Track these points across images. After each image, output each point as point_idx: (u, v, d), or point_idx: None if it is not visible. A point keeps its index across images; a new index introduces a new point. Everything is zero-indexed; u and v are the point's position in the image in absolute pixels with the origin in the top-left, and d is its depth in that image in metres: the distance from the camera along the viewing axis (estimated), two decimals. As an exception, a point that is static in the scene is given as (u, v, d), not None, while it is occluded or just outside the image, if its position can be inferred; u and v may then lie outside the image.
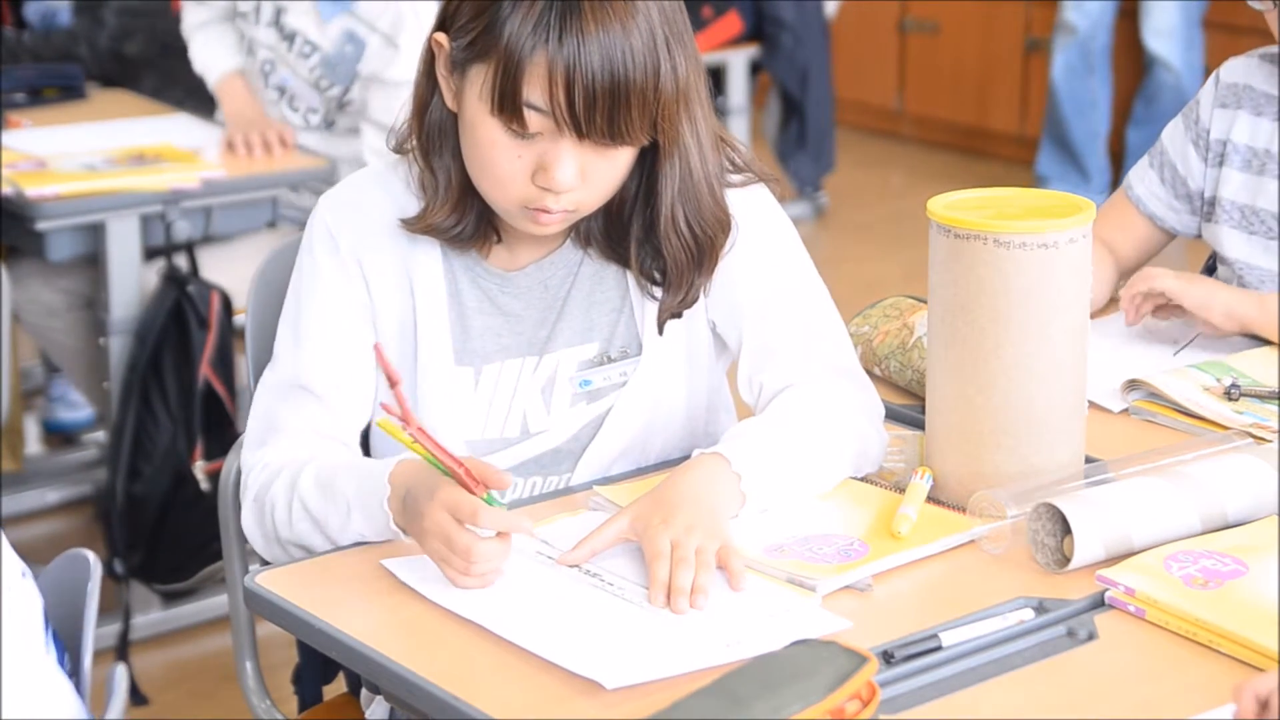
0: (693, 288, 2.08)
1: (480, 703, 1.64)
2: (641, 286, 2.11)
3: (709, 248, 2.07)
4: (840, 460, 2.05)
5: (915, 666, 1.69)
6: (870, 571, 1.86)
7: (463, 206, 2.06)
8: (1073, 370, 2.00)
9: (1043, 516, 1.89)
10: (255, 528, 2.05)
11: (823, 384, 2.10)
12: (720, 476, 1.95)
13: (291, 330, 2.11)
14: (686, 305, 2.10)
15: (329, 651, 1.81)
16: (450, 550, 1.82)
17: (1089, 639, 1.75)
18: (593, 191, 2.00)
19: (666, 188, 2.03)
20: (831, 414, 2.06)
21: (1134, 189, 2.66)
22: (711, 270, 2.09)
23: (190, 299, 3.52)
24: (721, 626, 1.76)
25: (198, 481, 3.53)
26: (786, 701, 1.51)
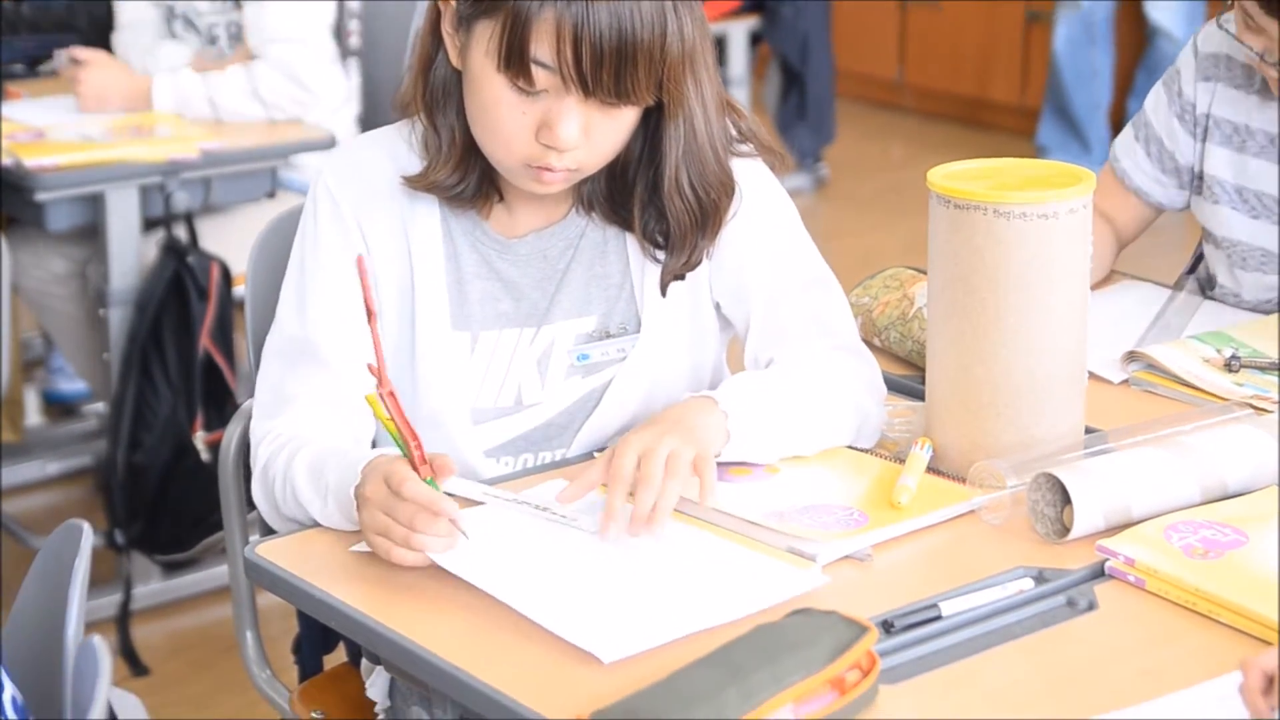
0: (696, 250, 2.09)
1: (480, 672, 1.64)
2: (644, 250, 2.11)
3: (713, 211, 2.07)
4: (835, 426, 2.06)
5: (915, 636, 1.70)
6: (870, 541, 1.86)
7: (465, 165, 2.06)
8: (1073, 341, 2.00)
9: (1042, 487, 1.89)
10: (262, 499, 2.06)
11: (827, 357, 2.11)
12: (707, 411, 1.97)
13: (295, 292, 2.11)
14: (690, 268, 2.10)
15: (329, 621, 1.81)
16: (391, 518, 1.82)
17: (1089, 609, 1.75)
18: (595, 151, 2.00)
19: (671, 149, 2.04)
20: (831, 381, 2.07)
21: (1120, 162, 2.65)
22: (715, 234, 2.09)
23: (190, 270, 3.51)
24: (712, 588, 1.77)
25: (198, 452, 3.53)
26: (787, 671, 1.52)
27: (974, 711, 1.58)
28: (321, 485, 1.95)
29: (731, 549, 1.85)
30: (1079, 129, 6.20)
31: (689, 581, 1.79)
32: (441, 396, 2.09)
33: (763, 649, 1.55)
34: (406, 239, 2.09)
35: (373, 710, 2.11)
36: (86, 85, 3.71)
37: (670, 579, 1.79)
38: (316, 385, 2.08)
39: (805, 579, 1.78)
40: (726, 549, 1.85)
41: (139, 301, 3.52)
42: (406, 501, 1.81)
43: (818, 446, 2.05)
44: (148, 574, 3.64)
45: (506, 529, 1.89)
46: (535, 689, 1.61)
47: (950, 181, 1.98)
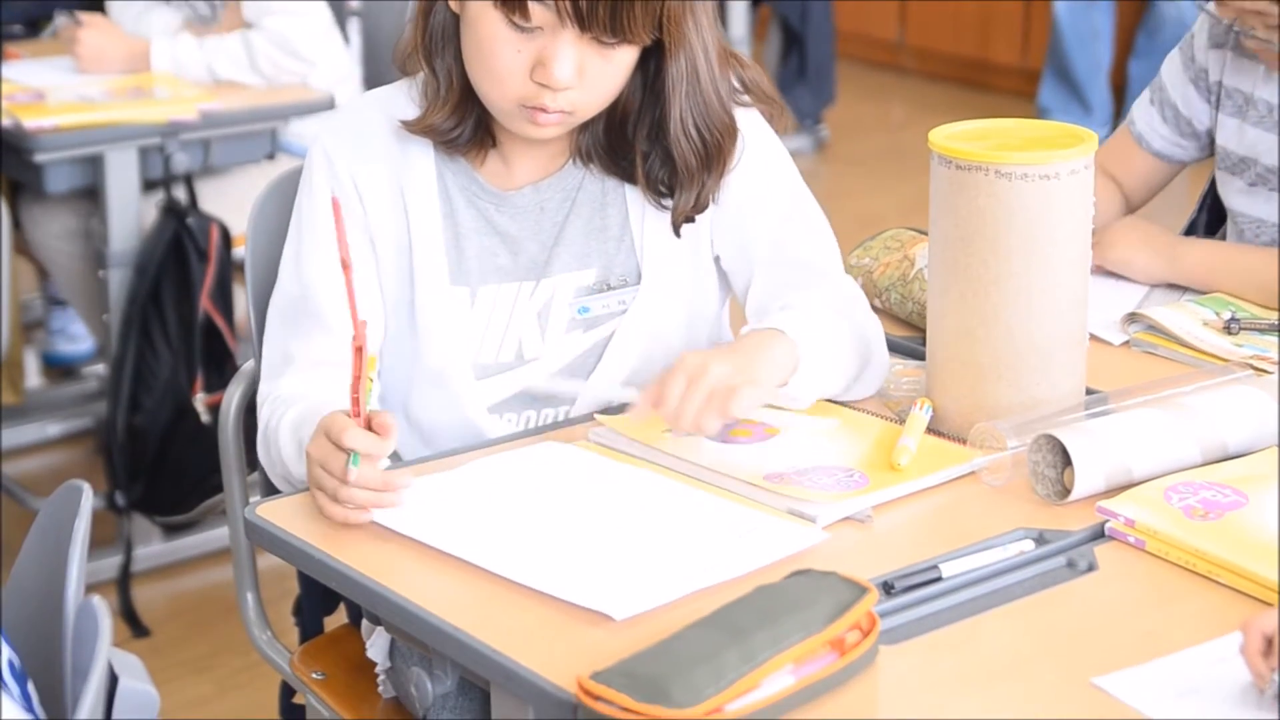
0: (704, 189, 2.08)
1: (481, 633, 1.64)
2: (647, 200, 2.10)
3: (717, 152, 2.08)
4: (855, 369, 2.08)
5: (915, 597, 1.70)
6: (870, 502, 1.86)
7: (462, 109, 2.07)
8: (1074, 302, 2.00)
9: (1043, 448, 1.89)
10: (264, 459, 2.07)
11: (837, 302, 2.11)
12: (777, 342, 1.99)
13: (293, 253, 2.12)
14: (699, 209, 2.10)
15: (329, 582, 1.81)
16: (326, 472, 1.83)
17: (1089, 570, 1.75)
18: (590, 93, 2.00)
19: (674, 90, 2.04)
20: (846, 325, 2.09)
21: (1136, 125, 2.64)
22: (720, 175, 2.09)
23: (189, 231, 3.51)
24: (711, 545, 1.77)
25: (198, 414, 3.53)
26: (787, 632, 1.52)
27: (974, 672, 1.59)
28: (300, 443, 1.96)
29: (730, 507, 1.85)
30: (1080, 90, 6.18)
31: (688, 540, 1.79)
32: (442, 353, 2.10)
33: (762, 610, 1.54)
34: (402, 196, 2.10)
35: (373, 671, 2.11)
36: (85, 46, 3.70)
37: (669, 538, 1.79)
38: (316, 345, 2.09)
39: (805, 536, 1.78)
40: (725, 508, 1.85)
41: (139, 263, 3.52)
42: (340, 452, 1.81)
43: (848, 386, 2.08)
44: (148, 536, 3.65)
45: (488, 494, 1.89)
46: (535, 650, 1.61)
47: (952, 142, 1.98)
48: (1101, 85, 6.20)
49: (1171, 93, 2.58)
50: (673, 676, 1.46)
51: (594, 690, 1.47)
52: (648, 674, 1.47)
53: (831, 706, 1.52)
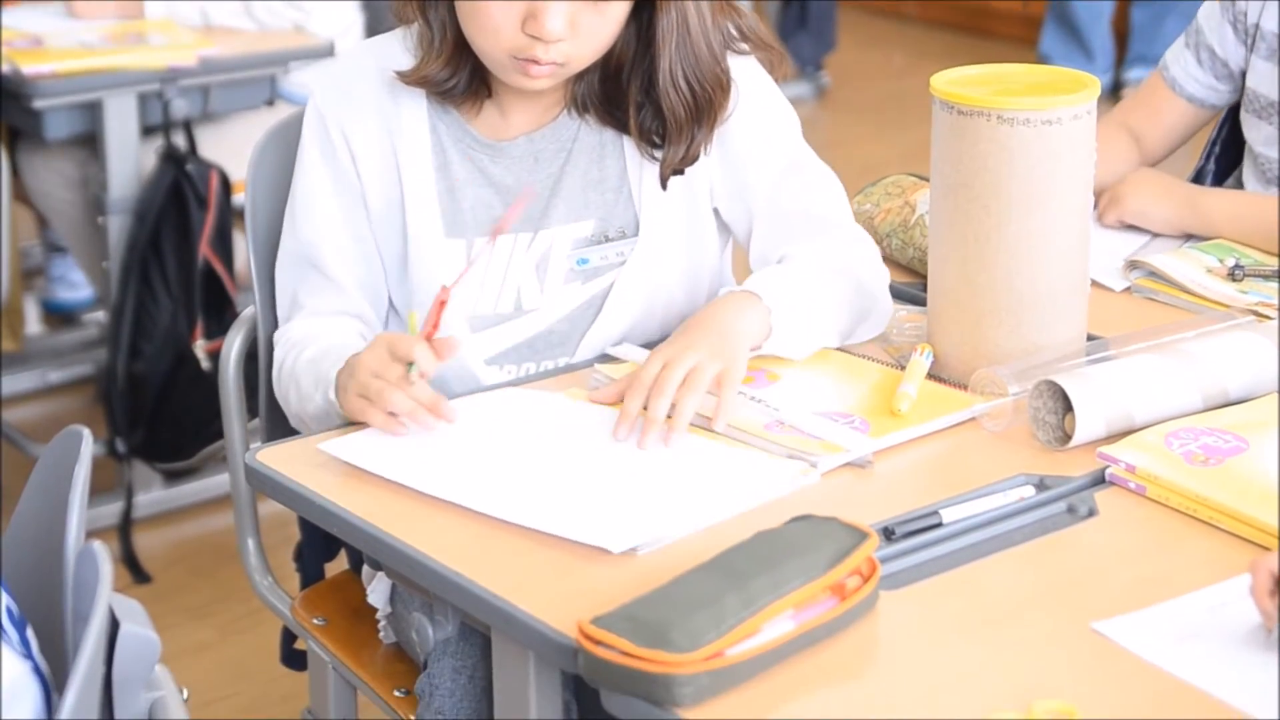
0: (694, 143, 2.08)
1: (481, 578, 1.64)
2: (641, 151, 2.10)
3: (708, 105, 2.07)
4: (856, 316, 2.07)
5: (915, 543, 1.70)
6: (871, 448, 1.86)
7: (457, 60, 2.06)
8: (1075, 247, 1.99)
9: (1044, 394, 1.89)
10: (280, 398, 2.10)
11: (840, 248, 2.11)
12: (749, 307, 1.98)
13: (292, 211, 2.14)
14: (688, 162, 2.09)
15: (330, 528, 1.82)
16: (379, 379, 1.85)
17: (1089, 515, 1.75)
18: (582, 45, 1.99)
19: (664, 43, 2.03)
20: (848, 270, 2.08)
21: (1169, 70, 2.62)
22: (712, 128, 2.08)
23: (189, 178, 3.50)
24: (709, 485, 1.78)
25: (198, 361, 3.53)
26: (787, 576, 1.52)
27: (974, 617, 1.59)
28: (320, 377, 1.98)
29: (727, 449, 1.85)
30: (1081, 37, 6.16)
31: (685, 478, 1.79)
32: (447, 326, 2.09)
33: (763, 555, 1.55)
34: (394, 151, 2.09)
35: (374, 617, 2.12)
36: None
37: (665, 477, 1.79)
38: (321, 296, 2.12)
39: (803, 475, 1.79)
40: (722, 450, 1.85)
41: (138, 210, 3.51)
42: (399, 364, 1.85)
43: (844, 338, 2.07)
44: (149, 482, 3.65)
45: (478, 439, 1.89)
46: (536, 595, 1.61)
47: (954, 87, 1.97)
48: (1104, 32, 6.18)
49: (1208, 35, 2.57)
50: (673, 621, 1.46)
51: (595, 635, 1.47)
52: (648, 618, 1.47)
53: (832, 651, 1.52)
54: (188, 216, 3.51)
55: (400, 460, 1.83)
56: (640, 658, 1.44)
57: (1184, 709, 1.44)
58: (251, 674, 3.15)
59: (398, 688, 2.07)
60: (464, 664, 1.91)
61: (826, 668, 1.51)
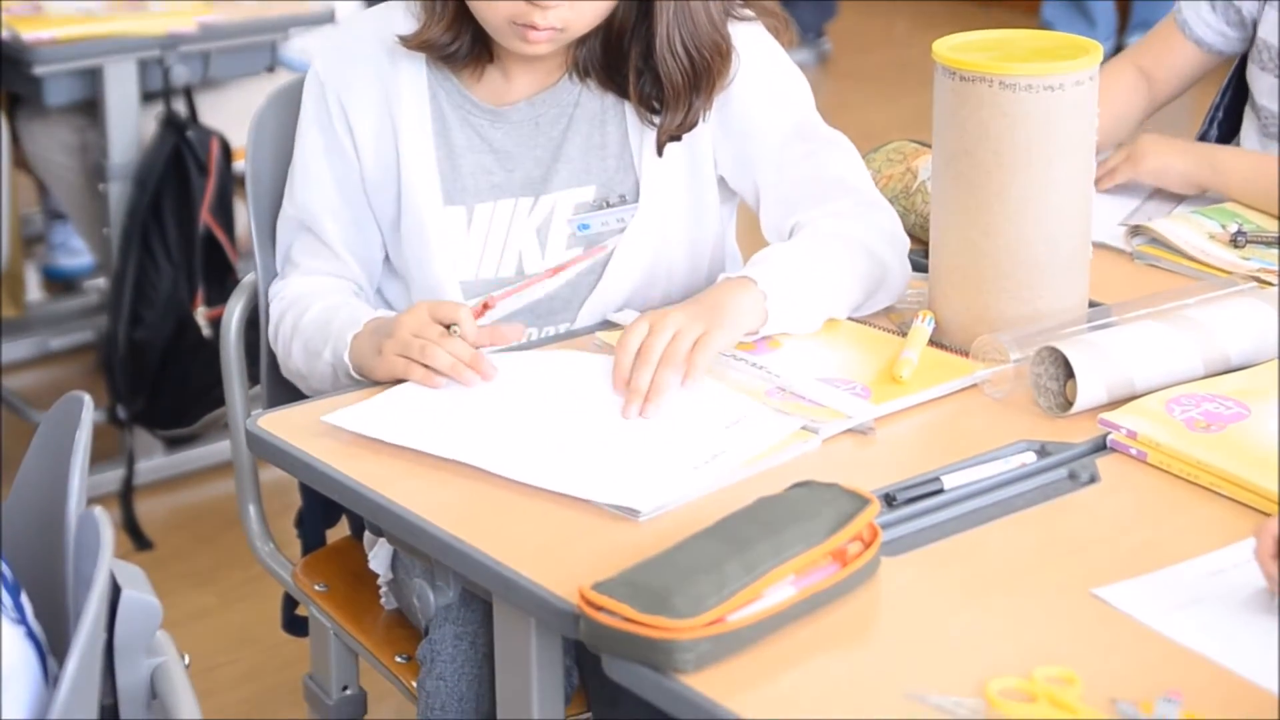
0: (691, 110, 2.07)
1: (483, 544, 1.64)
2: (641, 117, 2.09)
3: (706, 71, 2.06)
4: (866, 286, 2.06)
5: (917, 509, 1.70)
6: (872, 415, 1.86)
7: (459, 24, 2.06)
8: (1077, 214, 1.99)
9: (1045, 360, 1.89)
10: (281, 357, 2.12)
11: (852, 215, 2.09)
12: (743, 291, 1.97)
13: (291, 179, 2.15)
14: (686, 128, 2.09)
15: (331, 494, 1.82)
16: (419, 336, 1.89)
17: (1090, 482, 1.75)
18: (580, 10, 1.99)
19: (662, 10, 2.03)
20: (858, 239, 2.06)
21: (1183, 12, 2.61)
22: (710, 94, 2.08)
23: (189, 144, 3.50)
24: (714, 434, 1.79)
25: (199, 328, 3.53)
26: (788, 543, 1.52)
27: (975, 583, 1.59)
28: (326, 334, 2.01)
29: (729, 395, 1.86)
30: (1084, 4, 6.14)
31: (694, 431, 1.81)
32: (439, 273, 2.09)
33: (764, 521, 1.55)
34: (393, 118, 2.09)
35: (375, 583, 2.12)
36: None
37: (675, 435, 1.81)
38: (318, 259, 2.14)
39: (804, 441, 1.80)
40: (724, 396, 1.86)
41: (138, 176, 3.50)
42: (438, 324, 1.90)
43: (853, 309, 2.06)
44: (150, 449, 3.65)
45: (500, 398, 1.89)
46: (537, 561, 1.61)
47: (956, 53, 1.96)
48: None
49: None
50: (675, 587, 1.46)
51: (596, 600, 1.47)
52: (649, 584, 1.47)
53: (833, 617, 1.52)
54: (188, 183, 3.50)
55: (411, 426, 1.84)
56: (642, 623, 1.44)
57: (1185, 674, 1.44)
58: (253, 640, 3.16)
59: (399, 654, 2.07)
60: (465, 630, 1.92)
61: (828, 633, 1.51)
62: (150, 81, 3.53)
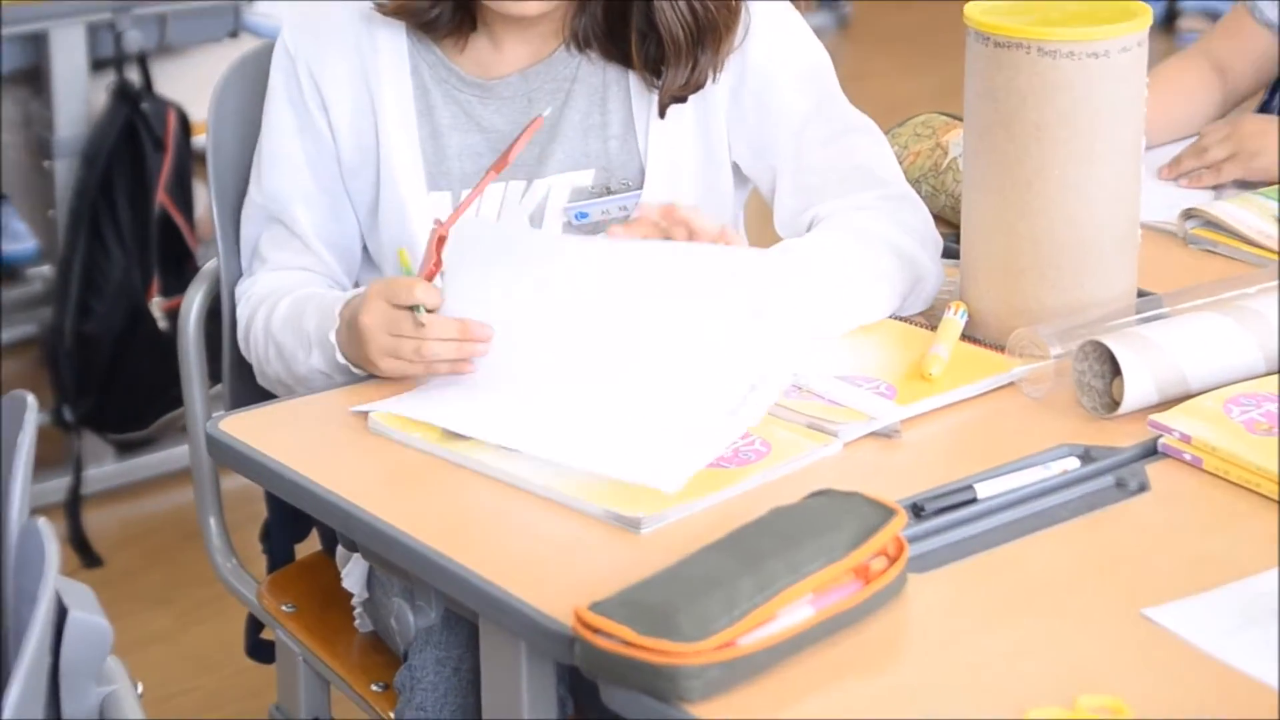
0: (697, 68, 2.07)
1: (469, 560, 1.64)
2: (645, 83, 2.09)
3: (711, 26, 2.06)
4: (887, 293, 2.04)
5: (947, 520, 1.70)
6: (898, 416, 1.86)
7: None
8: (1125, 194, 1.99)
9: (1089, 356, 1.89)
10: (247, 358, 2.12)
11: (875, 210, 2.08)
12: None
13: (258, 159, 2.15)
14: (690, 88, 2.09)
15: (300, 504, 1.82)
16: (398, 335, 1.89)
17: (1140, 490, 1.75)
18: None
19: None
20: (884, 236, 2.04)
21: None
22: (716, 51, 2.07)
23: (144, 117, 3.50)
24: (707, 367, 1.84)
25: (154, 320, 3.53)
26: (806, 558, 1.52)
27: (1011, 602, 1.59)
28: (303, 335, 2.00)
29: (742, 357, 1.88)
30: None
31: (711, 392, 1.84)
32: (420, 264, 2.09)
33: (779, 534, 1.55)
34: (371, 94, 2.09)
35: (349, 603, 2.12)
36: None
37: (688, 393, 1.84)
38: (288, 253, 2.13)
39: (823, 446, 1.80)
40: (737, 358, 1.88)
41: (87, 152, 3.50)
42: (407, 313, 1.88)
43: (869, 318, 2.03)
44: (100, 455, 3.65)
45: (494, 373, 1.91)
46: (528, 579, 1.61)
47: (990, 17, 1.97)
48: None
49: None
50: (680, 606, 1.46)
51: (593, 622, 1.47)
52: (652, 604, 1.47)
53: (855, 640, 1.53)
54: (143, 160, 3.50)
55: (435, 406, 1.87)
56: (643, 647, 1.44)
57: (1243, 704, 1.44)
58: (213, 666, 3.16)
59: (375, 681, 2.07)
60: (448, 655, 1.92)
61: (849, 658, 1.51)
62: (100, 48, 3.53)
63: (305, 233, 2.12)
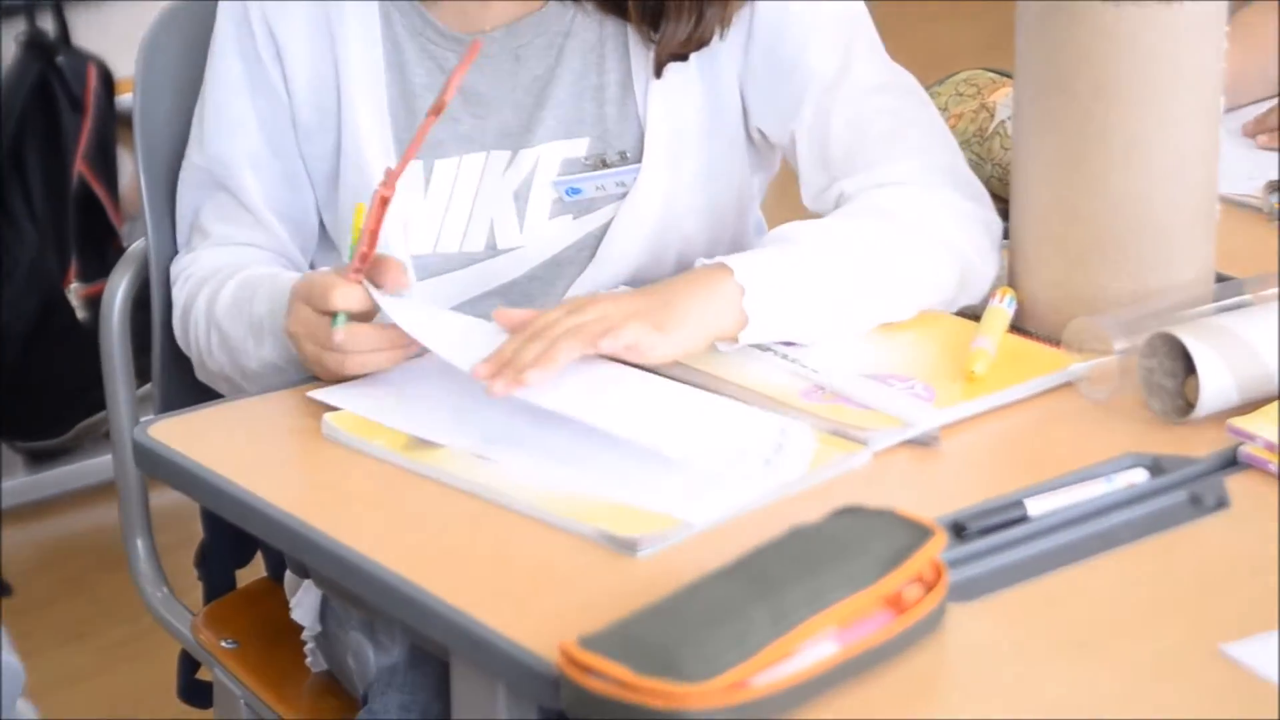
0: (702, 22, 2.07)
1: (438, 588, 1.64)
2: (641, 34, 2.09)
3: None
4: (919, 289, 2.02)
5: (994, 542, 1.70)
6: (937, 421, 1.86)
7: None
8: (1201, 163, 2.00)
9: (1159, 351, 1.89)
10: (185, 348, 2.12)
11: (917, 187, 2.07)
12: (718, 288, 1.92)
13: (198, 114, 2.16)
14: (693, 44, 2.09)
15: (243, 523, 1.82)
16: (320, 346, 1.89)
17: (1218, 507, 1.76)
18: None
19: None
20: (918, 224, 2.03)
21: None
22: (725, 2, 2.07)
23: (59, 73, 3.51)
24: None
25: (72, 309, 3.54)
26: (829, 586, 1.52)
27: (1068, 638, 1.59)
28: (253, 322, 2.01)
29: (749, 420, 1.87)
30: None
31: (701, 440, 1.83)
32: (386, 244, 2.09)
33: (798, 558, 1.55)
34: (332, 44, 2.10)
35: (299, 638, 2.13)
36: None
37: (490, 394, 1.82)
38: (235, 225, 2.14)
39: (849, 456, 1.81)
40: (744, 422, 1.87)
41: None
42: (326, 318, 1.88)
43: (894, 317, 2.02)
44: (10, 467, 3.66)
45: None
46: (507, 609, 1.61)
47: (1044, -44, 1.97)
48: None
49: None
50: (683, 641, 1.46)
51: (582, 660, 1.48)
52: (651, 639, 1.47)
53: (887, 681, 1.53)
54: (58, 123, 3.51)
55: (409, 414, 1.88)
56: (641, 689, 1.45)
57: (1338, 755, 1.45)
58: (141, 711, 3.17)
59: (330, 728, 2.08)
60: (415, 699, 1.92)
61: (878, 703, 1.51)
62: (8, -9, 3.54)
63: (254, 203, 2.12)
